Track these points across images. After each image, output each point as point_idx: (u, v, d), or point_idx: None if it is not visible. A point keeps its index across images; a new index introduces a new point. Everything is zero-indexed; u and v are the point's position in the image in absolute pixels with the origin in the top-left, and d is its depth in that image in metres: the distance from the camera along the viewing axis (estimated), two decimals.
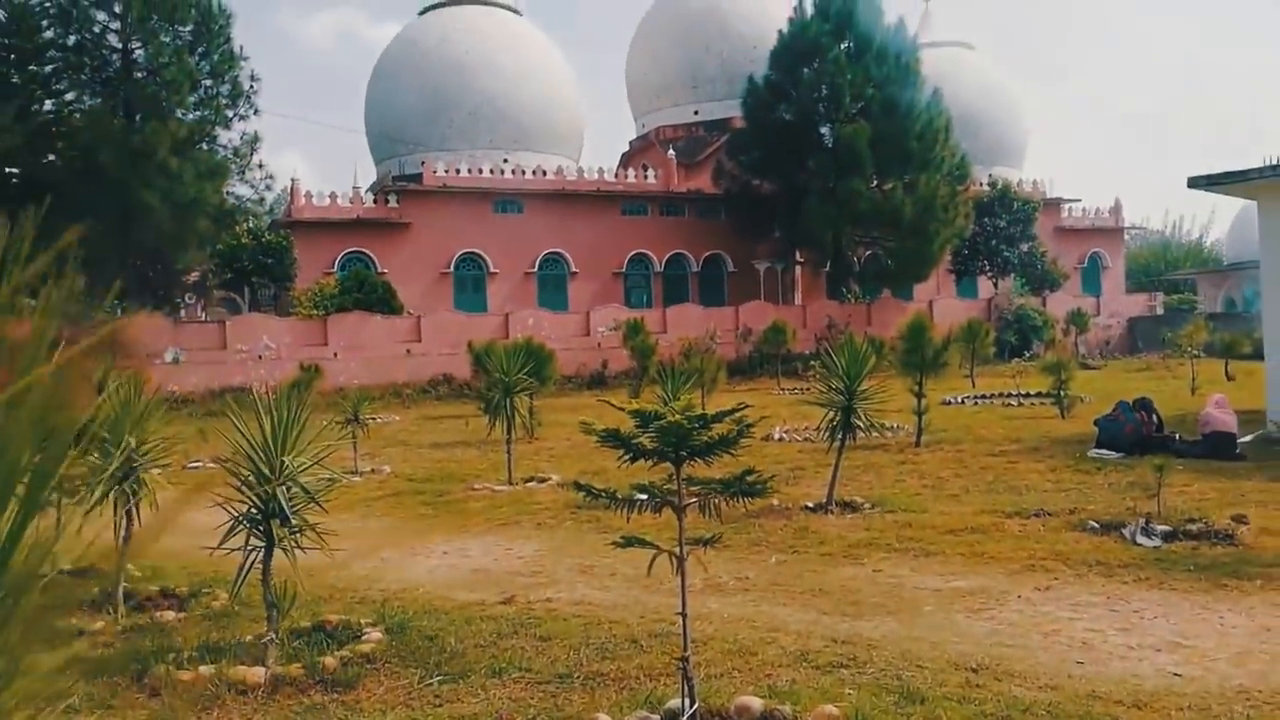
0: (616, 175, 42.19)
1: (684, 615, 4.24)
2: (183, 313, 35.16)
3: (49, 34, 30.92)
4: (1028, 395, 20.52)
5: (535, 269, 39.33)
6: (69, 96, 31.96)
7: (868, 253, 39.85)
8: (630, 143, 50.34)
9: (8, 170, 30.48)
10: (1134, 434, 12.09)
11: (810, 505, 9.55)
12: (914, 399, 13.71)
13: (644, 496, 4.28)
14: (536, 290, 38.97)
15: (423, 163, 39.42)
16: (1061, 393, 16.84)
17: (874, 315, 36.77)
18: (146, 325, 27.54)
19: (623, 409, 4.19)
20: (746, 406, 4.18)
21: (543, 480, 12.27)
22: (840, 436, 9.69)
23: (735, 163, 39.13)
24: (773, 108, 37.54)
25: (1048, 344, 36.05)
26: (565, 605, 6.53)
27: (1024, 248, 41.93)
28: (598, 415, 4.34)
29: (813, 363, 13.76)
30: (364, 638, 5.67)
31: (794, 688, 4.73)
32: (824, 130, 37.20)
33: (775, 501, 9.65)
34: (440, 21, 44.82)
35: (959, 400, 20.62)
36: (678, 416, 3.94)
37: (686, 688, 4.17)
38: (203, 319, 34.17)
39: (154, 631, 6.03)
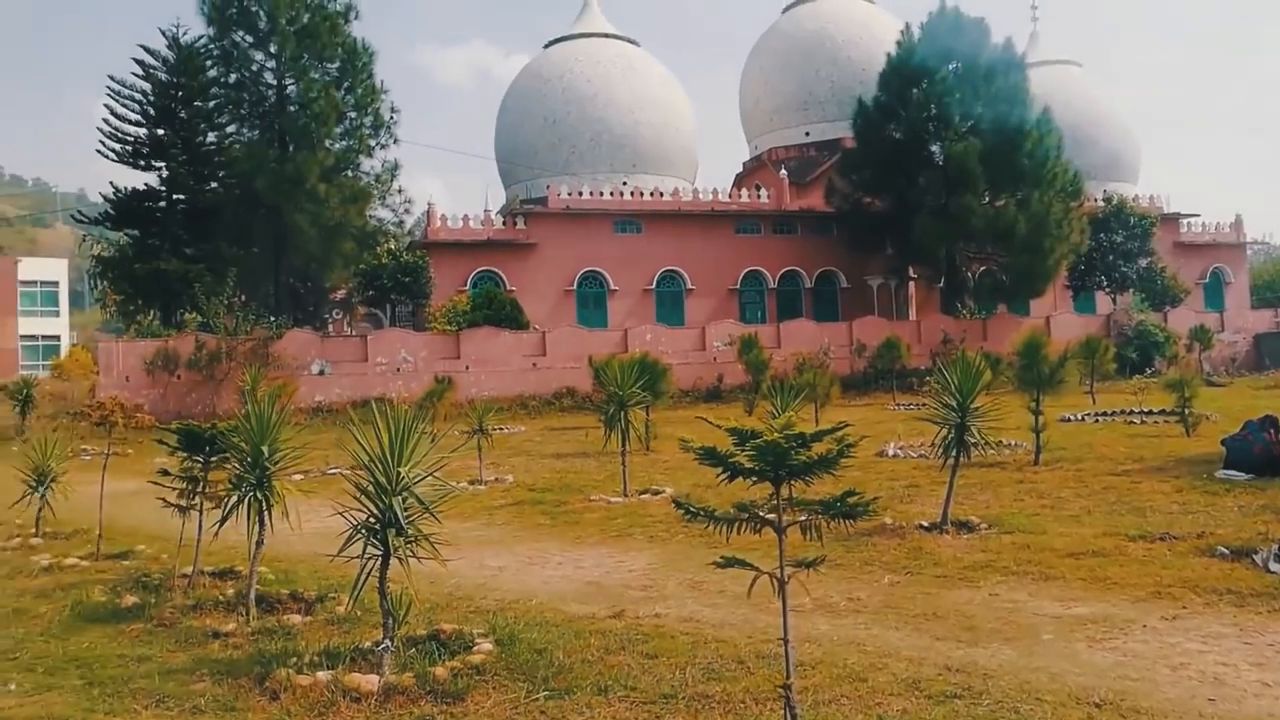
0: (730, 195, 42.74)
1: (785, 641, 4.15)
2: (329, 328, 36.95)
3: (212, 73, 34.22)
4: (1150, 413, 19.73)
5: (653, 286, 40.04)
6: (229, 129, 34.96)
7: (982, 269, 39.35)
8: (743, 164, 51.09)
9: (174, 196, 32.91)
10: (1263, 454, 11.37)
11: (925, 524, 9.33)
12: (1031, 416, 13.31)
13: (744, 515, 4.23)
14: (655, 306, 39.70)
15: (548, 186, 40.99)
16: (1186, 410, 16.13)
17: (990, 331, 36.42)
18: (297, 340, 29.42)
19: (719, 426, 4.14)
20: (846, 425, 4.07)
21: (656, 493, 12.36)
22: (955, 454, 9.48)
23: (846, 181, 39.27)
24: (882, 127, 37.69)
25: (1170, 360, 34.67)
26: (673, 622, 6.51)
27: (1142, 263, 40.96)
28: (707, 430, 4.32)
29: (927, 378, 13.49)
30: (475, 648, 5.76)
31: (905, 719, 4.59)
32: (934, 148, 37.19)
33: (888, 520, 9.50)
34: (563, 54, 47.04)
35: (1079, 417, 19.93)
36: (776, 435, 3.85)
37: (789, 716, 4.07)
38: (347, 333, 35.92)
39: (280, 635, 6.25)
